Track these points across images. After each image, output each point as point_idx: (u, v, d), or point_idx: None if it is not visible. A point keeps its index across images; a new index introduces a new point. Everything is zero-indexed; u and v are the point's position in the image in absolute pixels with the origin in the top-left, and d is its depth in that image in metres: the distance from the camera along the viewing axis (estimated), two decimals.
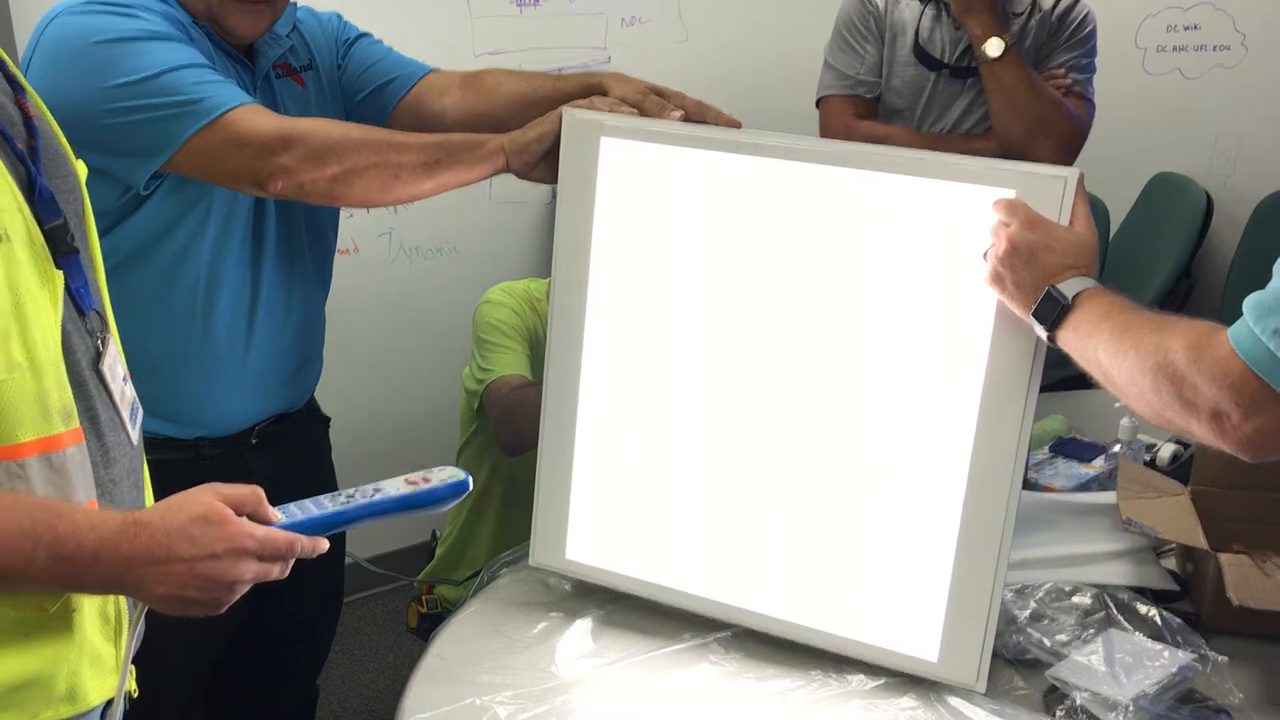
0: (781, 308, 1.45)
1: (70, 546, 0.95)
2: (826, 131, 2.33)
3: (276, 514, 1.07)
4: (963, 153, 1.39)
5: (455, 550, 2.33)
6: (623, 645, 1.51)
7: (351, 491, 1.12)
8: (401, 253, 3.18)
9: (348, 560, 2.05)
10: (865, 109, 2.31)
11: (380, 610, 3.10)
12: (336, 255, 1.89)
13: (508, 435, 2.11)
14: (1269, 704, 1.38)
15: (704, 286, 1.49)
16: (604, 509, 1.59)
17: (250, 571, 1.02)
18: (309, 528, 1.07)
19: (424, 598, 2.37)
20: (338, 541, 1.48)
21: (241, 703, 1.98)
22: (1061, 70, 2.25)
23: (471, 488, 1.19)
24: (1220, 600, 1.49)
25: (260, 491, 1.06)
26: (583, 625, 1.54)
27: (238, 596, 1.03)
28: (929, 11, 2.26)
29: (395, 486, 1.14)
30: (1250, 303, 1.04)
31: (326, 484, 1.94)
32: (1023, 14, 2.25)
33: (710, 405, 1.51)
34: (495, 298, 2.29)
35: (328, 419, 1.98)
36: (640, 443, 1.56)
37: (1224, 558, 1.54)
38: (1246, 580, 1.50)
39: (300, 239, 1.75)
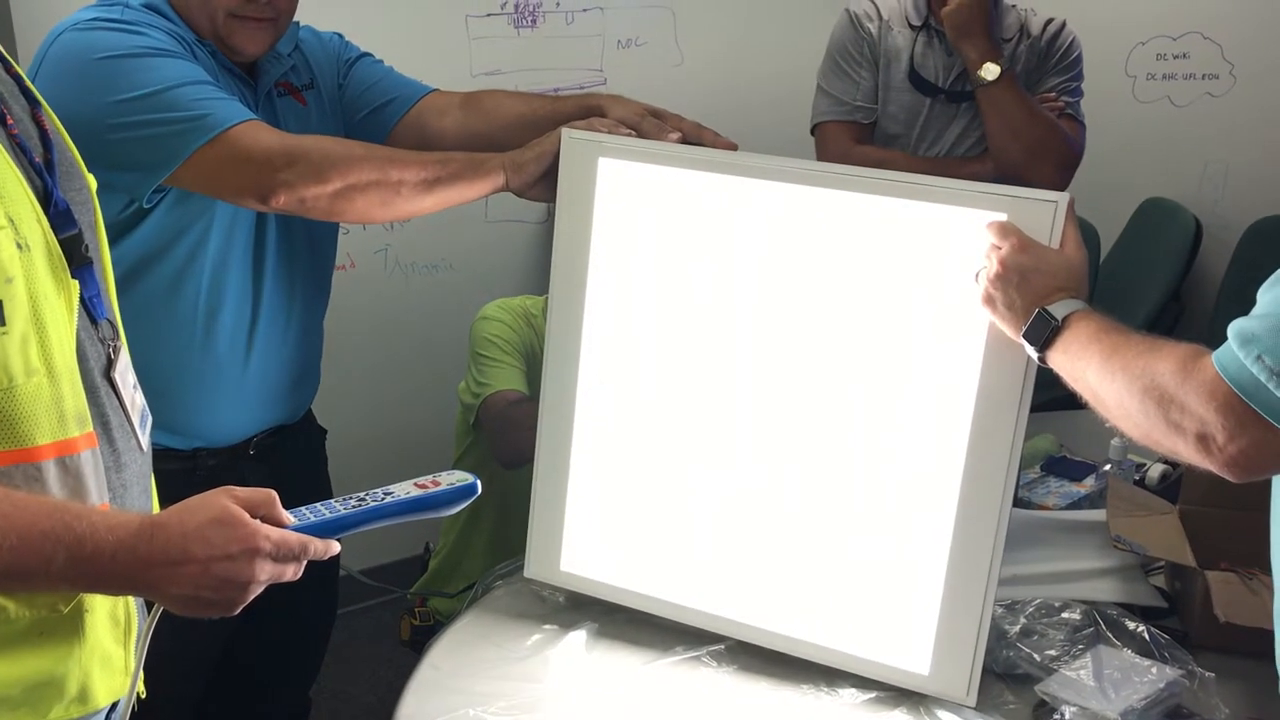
0: (776, 327, 1.47)
1: (88, 548, 0.96)
2: (824, 157, 2.34)
3: (289, 516, 1.08)
4: (960, 176, 1.41)
5: (449, 563, 2.34)
6: (616, 657, 1.52)
7: (362, 495, 1.13)
8: (398, 269, 3.19)
9: (341, 572, 2.06)
10: (862, 134, 2.33)
11: (373, 623, 3.10)
12: (334, 271, 1.90)
13: (503, 450, 2.12)
14: None
15: (699, 305, 1.51)
16: (599, 522, 1.60)
17: (265, 572, 1.03)
18: (321, 529, 1.09)
19: (417, 610, 2.37)
20: None
21: (233, 715, 1.98)
22: (1054, 94, 2.29)
23: (479, 491, 1.20)
24: (1207, 617, 1.51)
25: (273, 494, 1.07)
26: (577, 637, 1.55)
27: (252, 597, 1.04)
28: (921, 37, 2.29)
29: (405, 489, 1.15)
30: (1235, 328, 1.06)
31: (323, 495, 1.91)
32: (1011, 40, 2.29)
33: (705, 421, 1.52)
34: (492, 314, 2.30)
35: (324, 431, 1.99)
36: (636, 457, 1.57)
37: (1211, 575, 1.56)
38: (1233, 598, 1.52)
39: (300, 254, 1.76)
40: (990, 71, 2.16)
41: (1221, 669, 1.44)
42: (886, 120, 2.33)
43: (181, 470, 1.66)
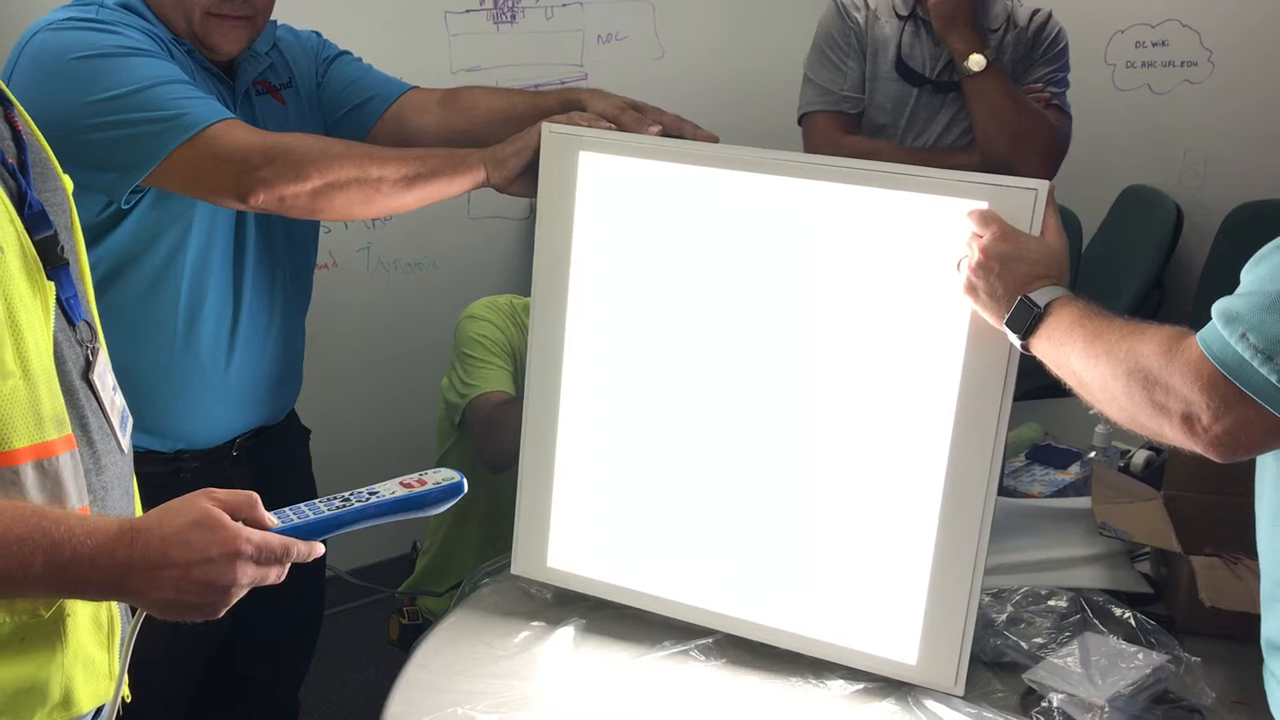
0: (759, 318, 1.47)
1: (67, 553, 0.95)
2: (812, 147, 2.33)
3: (272, 518, 1.06)
4: (947, 166, 1.41)
5: (437, 562, 2.33)
6: (604, 653, 1.52)
7: (347, 495, 1.11)
8: (380, 267, 3.18)
9: (328, 573, 2.05)
10: (850, 124, 2.32)
11: (361, 623, 3.08)
12: (315, 270, 1.90)
13: (491, 452, 2.11)
14: (1240, 704, 1.40)
15: (682, 298, 1.51)
16: (585, 518, 1.60)
17: (247, 575, 1.01)
18: (305, 531, 1.07)
19: (405, 610, 2.37)
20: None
21: (221, 716, 1.97)
22: (1040, 85, 2.29)
23: (466, 489, 1.18)
24: (1193, 602, 1.52)
25: (255, 496, 1.05)
26: (564, 633, 1.55)
27: (235, 601, 1.03)
28: (909, 27, 2.28)
29: (390, 489, 1.13)
30: (1219, 307, 1.06)
31: (308, 495, 1.90)
32: (998, 30, 2.28)
33: (690, 414, 1.52)
34: (479, 312, 2.29)
35: (308, 431, 1.98)
36: (621, 452, 1.57)
37: (1196, 561, 1.57)
38: (1218, 582, 1.53)
39: (280, 253, 1.76)
40: (976, 62, 2.16)
41: (1207, 653, 1.45)
42: (874, 110, 2.32)
43: (164, 473, 1.66)
